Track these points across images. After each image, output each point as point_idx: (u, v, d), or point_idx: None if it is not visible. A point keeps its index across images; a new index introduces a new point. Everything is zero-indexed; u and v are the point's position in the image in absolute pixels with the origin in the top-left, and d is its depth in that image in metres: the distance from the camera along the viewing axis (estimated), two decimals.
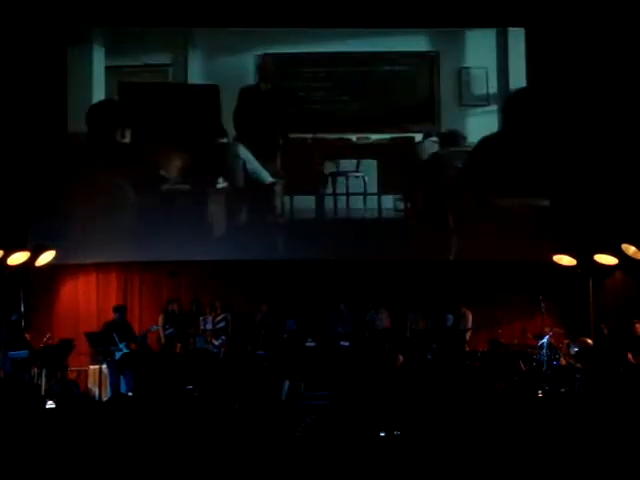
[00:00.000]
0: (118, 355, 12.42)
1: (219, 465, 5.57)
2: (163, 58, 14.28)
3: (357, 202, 14.15)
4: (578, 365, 12.02)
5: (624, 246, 13.03)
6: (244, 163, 14.08)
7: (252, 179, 14.10)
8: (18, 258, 12.82)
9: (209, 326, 13.38)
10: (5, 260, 12.71)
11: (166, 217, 13.81)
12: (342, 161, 14.28)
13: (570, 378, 11.63)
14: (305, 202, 14.21)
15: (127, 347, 12.65)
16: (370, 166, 14.24)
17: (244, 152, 14.07)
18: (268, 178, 14.12)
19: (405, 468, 5.52)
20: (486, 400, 7.09)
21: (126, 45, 14.13)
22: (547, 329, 12.46)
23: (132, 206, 13.98)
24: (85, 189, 13.88)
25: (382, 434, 6.15)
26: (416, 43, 14.32)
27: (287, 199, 14.18)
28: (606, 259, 13.16)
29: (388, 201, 14.22)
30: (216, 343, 13.19)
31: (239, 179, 14.15)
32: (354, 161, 14.26)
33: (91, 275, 14.28)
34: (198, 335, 13.25)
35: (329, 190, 14.20)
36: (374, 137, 14.28)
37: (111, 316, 13.48)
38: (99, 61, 14.05)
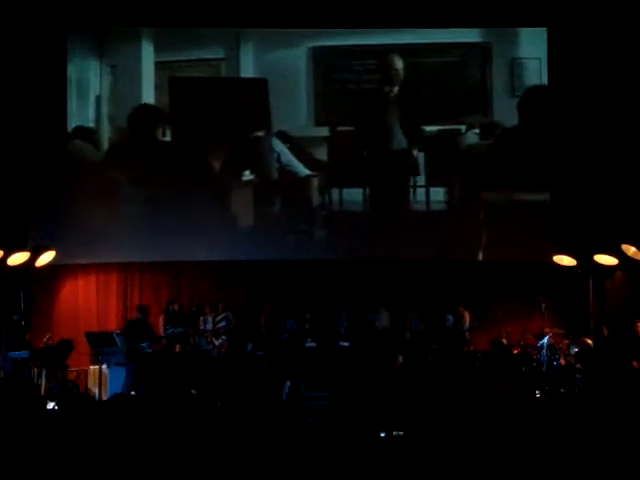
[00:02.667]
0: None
1: (219, 465, 5.57)
2: (216, 52, 14.28)
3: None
4: (578, 365, 12.01)
5: (624, 246, 13.03)
6: (279, 156, 14.08)
7: (287, 172, 14.10)
8: (18, 258, 12.81)
9: (209, 326, 13.38)
10: (5, 260, 12.70)
11: (177, 216, 13.80)
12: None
13: (570, 378, 11.63)
14: (350, 195, 14.19)
15: (149, 347, 12.71)
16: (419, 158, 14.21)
17: (279, 145, 14.08)
18: (305, 171, 14.12)
19: (405, 468, 5.52)
20: (486, 400, 7.09)
21: (177, 40, 14.12)
22: (547, 329, 12.45)
23: (136, 206, 14.03)
24: (85, 189, 13.90)
25: (382, 434, 6.15)
26: (467, 34, 14.18)
27: (335, 191, 14.17)
28: (606, 259, 13.15)
29: (438, 194, 14.18)
30: (216, 343, 13.19)
31: (272, 172, 14.15)
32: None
33: (91, 275, 14.28)
34: (200, 335, 13.27)
35: None
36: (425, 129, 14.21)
37: (111, 316, 13.51)
38: (148, 56, 14.08)
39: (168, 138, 14.20)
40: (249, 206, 14.11)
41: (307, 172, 14.12)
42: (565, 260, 13.31)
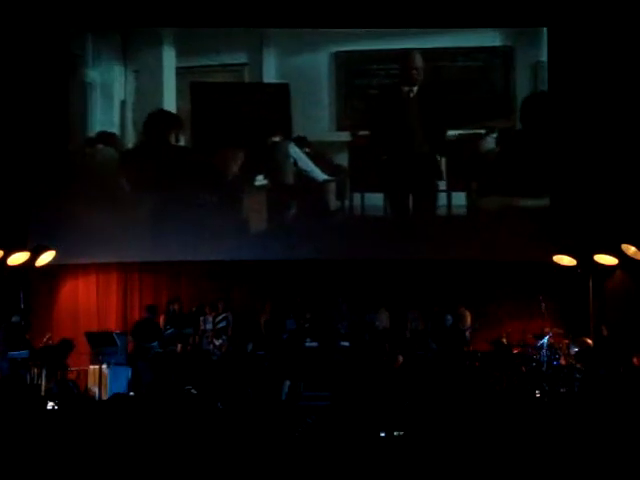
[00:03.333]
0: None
1: (219, 465, 5.56)
2: (239, 58, 14.29)
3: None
4: (578, 365, 12.01)
5: (624, 246, 13.03)
6: (295, 161, 14.08)
7: (303, 177, 14.10)
8: (18, 258, 12.82)
9: (209, 326, 13.39)
10: (5, 260, 12.71)
11: (184, 217, 13.83)
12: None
13: (570, 378, 11.63)
14: (371, 200, 14.19)
15: (160, 346, 12.75)
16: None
17: (295, 151, 14.10)
18: (322, 176, 14.12)
19: (405, 468, 5.51)
20: (486, 400, 7.08)
21: (199, 46, 14.16)
22: (547, 329, 12.45)
23: (139, 207, 14.06)
24: (87, 190, 13.91)
25: (382, 434, 6.14)
26: (490, 38, 14.15)
27: (357, 196, 14.16)
28: (606, 259, 13.15)
29: (460, 198, 14.16)
30: (217, 343, 13.20)
31: (288, 177, 14.15)
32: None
33: (91, 275, 14.28)
34: (201, 335, 13.28)
35: None
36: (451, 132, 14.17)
37: (111, 316, 13.52)
38: (169, 62, 14.13)
39: (182, 143, 14.21)
40: (262, 210, 14.10)
41: (324, 177, 14.12)
42: (565, 260, 13.31)
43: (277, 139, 14.16)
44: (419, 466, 5.49)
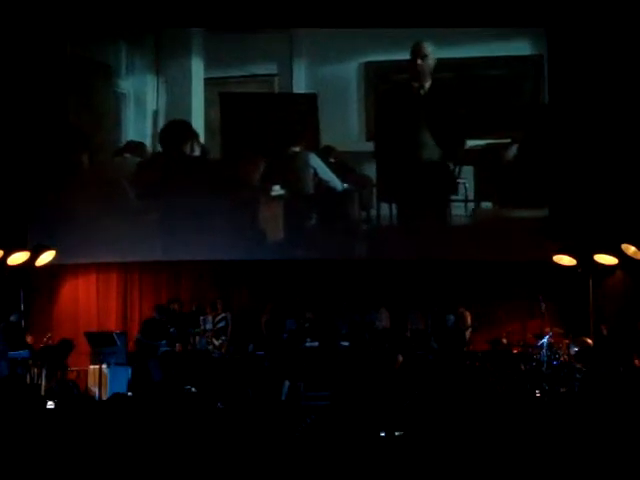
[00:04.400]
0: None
1: (219, 465, 5.56)
2: (269, 68, 14.34)
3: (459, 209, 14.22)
4: (578, 365, 12.02)
5: (624, 246, 13.04)
6: (315, 171, 14.08)
7: (323, 187, 14.10)
8: (18, 258, 12.83)
9: (209, 326, 13.40)
10: (5, 260, 12.72)
11: (193, 224, 13.85)
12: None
13: (570, 378, 11.64)
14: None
15: (167, 345, 12.78)
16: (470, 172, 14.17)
17: (316, 161, 14.10)
18: (341, 186, 14.12)
19: (406, 469, 5.51)
20: (486, 400, 7.08)
21: (229, 56, 14.19)
22: (547, 329, 12.46)
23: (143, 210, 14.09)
24: (85, 189, 13.91)
25: (382, 434, 6.14)
26: (519, 47, 14.12)
27: (385, 206, 14.16)
28: (606, 259, 13.15)
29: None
30: (216, 343, 13.20)
31: (307, 187, 14.14)
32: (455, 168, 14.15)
33: (91, 275, 14.29)
34: (201, 335, 13.30)
35: None
36: (470, 143, 14.14)
37: (111, 316, 13.54)
38: (198, 72, 14.19)
39: (197, 153, 14.20)
40: (278, 220, 14.09)
41: (344, 186, 14.12)
42: (565, 260, 13.31)
43: (298, 149, 14.16)
44: (420, 466, 5.49)
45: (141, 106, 14.27)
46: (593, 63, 13.59)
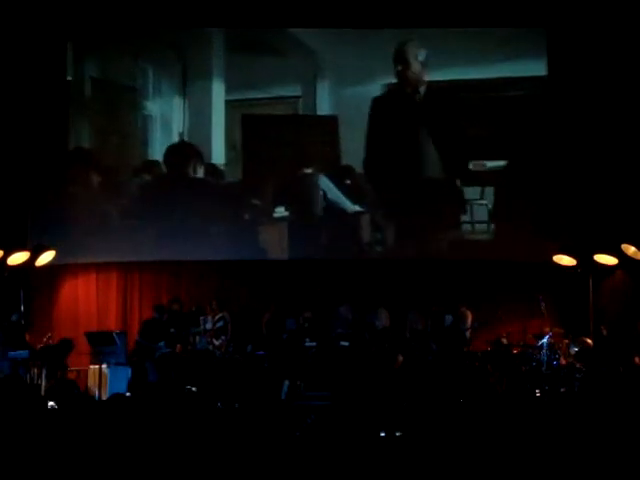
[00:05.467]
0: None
1: (219, 465, 5.57)
2: (293, 90, 14.34)
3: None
4: (578, 365, 12.02)
5: (624, 246, 13.03)
6: (324, 193, 14.08)
7: (333, 209, 14.05)
8: (18, 258, 12.83)
9: (209, 326, 13.40)
10: (5, 260, 12.72)
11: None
12: (465, 189, 14.08)
13: (570, 378, 11.63)
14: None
15: (166, 347, 12.78)
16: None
17: (325, 183, 14.08)
18: (352, 208, 14.08)
19: (406, 469, 5.52)
20: (486, 400, 7.09)
21: (253, 78, 14.15)
22: (547, 329, 12.45)
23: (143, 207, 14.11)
24: (85, 190, 13.92)
25: (382, 434, 6.15)
26: (534, 68, 13.99)
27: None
28: (606, 259, 13.15)
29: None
30: (216, 343, 13.21)
31: (314, 209, 14.09)
32: (478, 188, 14.10)
33: (91, 275, 14.28)
34: (200, 335, 13.30)
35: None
36: (490, 164, 14.05)
37: (111, 316, 13.52)
38: (219, 94, 14.18)
39: (200, 175, 14.19)
40: (282, 241, 14.05)
41: (355, 208, 14.08)
42: (565, 260, 13.31)
43: (310, 170, 14.13)
44: (420, 466, 5.49)
45: (167, 127, 14.35)
46: (593, 63, 13.58)
